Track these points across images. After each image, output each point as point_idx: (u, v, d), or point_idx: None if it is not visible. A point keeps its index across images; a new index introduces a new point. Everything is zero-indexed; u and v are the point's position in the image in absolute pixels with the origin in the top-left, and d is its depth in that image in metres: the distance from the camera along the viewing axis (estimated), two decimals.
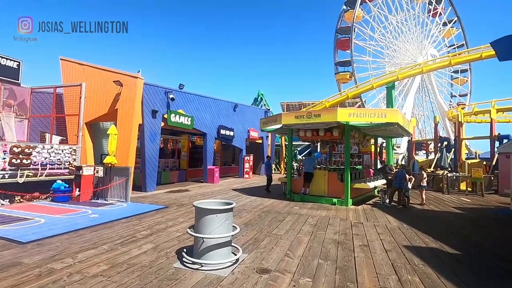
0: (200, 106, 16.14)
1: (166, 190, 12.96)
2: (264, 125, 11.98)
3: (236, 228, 4.71)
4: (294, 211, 8.70)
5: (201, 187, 14.48)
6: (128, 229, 6.18)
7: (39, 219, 6.63)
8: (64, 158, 9.66)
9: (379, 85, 23.86)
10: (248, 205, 9.55)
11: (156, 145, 12.84)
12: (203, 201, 4.78)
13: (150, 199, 10.26)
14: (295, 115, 10.17)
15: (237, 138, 20.27)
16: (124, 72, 11.55)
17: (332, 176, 10.59)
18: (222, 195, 11.62)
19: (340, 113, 9.25)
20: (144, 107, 12.09)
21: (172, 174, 16.70)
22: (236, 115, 20.18)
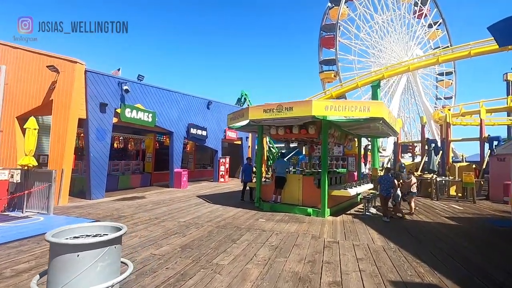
0: (165, 101, 14.30)
1: (117, 197, 11.04)
2: (231, 121, 10.30)
3: (128, 265, 2.98)
4: (258, 225, 7.02)
5: (162, 193, 12.62)
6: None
7: None
8: None
9: (364, 83, 22.66)
10: (204, 217, 7.81)
11: (105, 144, 10.94)
12: (72, 227, 3.01)
13: (85, 209, 8.37)
14: (263, 109, 8.54)
15: (211, 139, 18.51)
16: (61, 56, 9.64)
17: (308, 181, 9.01)
18: (180, 203, 9.83)
19: (316, 106, 7.68)
20: (89, 98, 10.18)
21: (133, 178, 14.74)
22: (210, 113, 18.43)
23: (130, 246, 5.09)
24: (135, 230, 6.20)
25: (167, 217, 7.63)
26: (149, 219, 7.34)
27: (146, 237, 5.64)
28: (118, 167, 14.47)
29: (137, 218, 7.33)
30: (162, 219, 7.31)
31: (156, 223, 6.91)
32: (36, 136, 7.42)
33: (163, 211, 8.38)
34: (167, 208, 8.95)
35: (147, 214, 7.94)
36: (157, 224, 6.75)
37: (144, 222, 6.92)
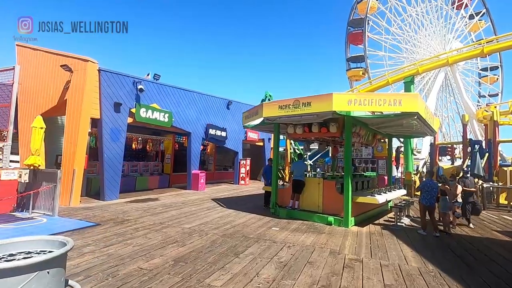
0: (182, 101, 13.97)
1: (130, 198, 10.79)
2: (246, 119, 9.59)
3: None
4: (269, 235, 6.21)
5: (177, 195, 12.21)
6: None
7: None
8: None
9: (396, 80, 20.86)
10: (212, 223, 7.15)
11: (119, 144, 10.74)
12: (14, 241, 2.43)
13: (93, 211, 8.08)
14: (279, 105, 7.71)
15: (231, 140, 17.97)
16: (74, 55, 9.57)
17: (329, 186, 8.02)
18: (191, 207, 9.28)
19: (337, 99, 6.71)
20: (102, 98, 10.03)
21: (151, 179, 14.56)
22: (230, 113, 17.91)
23: (119, 256, 4.53)
24: (133, 236, 5.67)
25: (172, 222, 7.07)
26: (153, 224, 6.82)
27: (141, 246, 5.07)
28: (136, 168, 14.37)
29: (140, 223, 6.85)
30: (166, 225, 6.76)
31: (158, 229, 6.36)
32: (43, 135, 7.25)
33: (170, 215, 7.85)
34: (176, 212, 8.43)
35: (153, 218, 7.45)
36: (159, 231, 6.19)
37: (145, 228, 6.40)
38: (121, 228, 6.25)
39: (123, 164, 13.73)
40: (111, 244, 5.14)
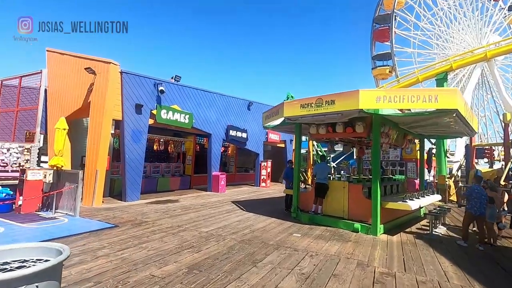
0: (203, 102, 13.91)
1: (151, 199, 10.81)
2: (266, 120, 9.27)
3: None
4: (290, 241, 5.82)
5: (197, 197, 12.11)
6: None
7: None
8: (11, 159, 7.97)
9: (427, 77, 19.55)
10: (231, 227, 6.87)
11: (140, 145, 10.81)
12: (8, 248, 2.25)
13: (113, 212, 8.10)
14: (300, 104, 7.30)
15: (252, 141, 17.72)
16: (97, 57, 9.74)
17: (355, 190, 7.48)
18: (210, 209, 9.08)
19: (364, 97, 6.20)
20: (124, 100, 10.14)
21: (172, 180, 14.63)
22: (251, 114, 17.68)
23: (133, 261, 4.36)
24: (149, 240, 5.52)
25: (190, 225, 6.88)
26: (171, 226, 6.66)
27: (156, 250, 4.88)
28: (158, 169, 14.49)
29: (157, 225, 6.72)
30: (183, 228, 6.57)
31: (175, 232, 6.18)
32: (65, 136, 7.37)
33: (189, 218, 7.68)
34: (194, 214, 8.25)
35: (170, 220, 7.31)
36: (175, 234, 6.00)
37: (162, 231, 6.25)
38: (138, 231, 6.14)
39: (145, 165, 13.94)
40: (126, 247, 5.00)
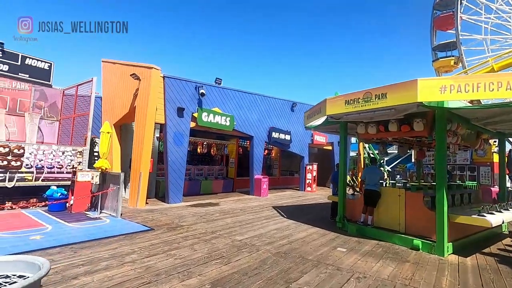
0: (244, 104, 13.68)
1: (193, 202, 10.83)
2: (307, 120, 8.53)
3: None
4: (333, 257, 5.04)
5: (238, 201, 11.82)
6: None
7: None
8: (66, 161, 8.58)
9: (504, 65, 16.55)
10: (267, 236, 6.32)
11: (183, 148, 10.93)
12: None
13: (153, 214, 8.17)
14: (345, 100, 6.45)
15: (296, 143, 16.98)
16: (141, 64, 10.10)
17: (414, 199, 6.33)
18: (249, 215, 8.66)
19: (424, 87, 5.13)
20: (167, 103, 10.36)
21: (215, 183, 14.65)
22: (295, 115, 16.97)
23: (157, 270, 4.09)
24: (179, 246, 5.27)
25: (224, 232, 6.51)
26: (204, 232, 6.38)
27: (183, 259, 4.57)
28: (202, 172, 14.65)
29: (192, 230, 6.49)
30: (217, 235, 6.23)
31: (207, 239, 5.85)
32: (109, 139, 7.65)
33: (225, 224, 7.34)
34: (231, 219, 7.90)
35: (206, 225, 7.05)
36: (208, 241, 5.67)
37: (195, 237, 5.98)
38: (171, 235, 5.96)
39: (189, 167, 14.21)
40: (155, 253, 4.79)
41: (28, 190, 7.95)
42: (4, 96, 9.66)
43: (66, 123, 10.83)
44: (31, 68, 10.18)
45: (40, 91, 10.46)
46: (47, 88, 10.62)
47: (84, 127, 12.77)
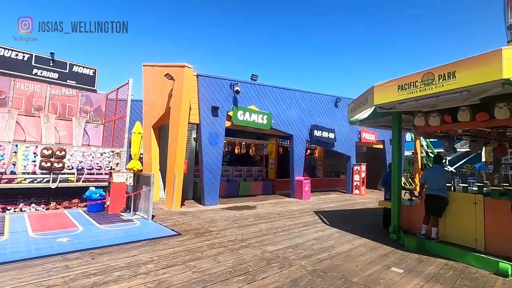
0: (282, 101, 12.87)
1: (229, 205, 10.37)
2: (351, 113, 7.43)
3: None
4: (386, 281, 3.98)
5: (277, 204, 11.03)
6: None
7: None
8: (104, 162, 8.74)
9: None
10: (305, 247, 5.44)
11: (218, 149, 10.54)
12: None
13: (185, 217, 7.84)
14: (398, 85, 5.27)
15: (341, 142, 15.61)
16: (174, 63, 9.96)
17: (497, 208, 4.88)
18: (286, 220, 7.82)
19: (509, 57, 3.81)
20: (201, 103, 10.08)
21: (254, 184, 14.08)
22: (339, 112, 15.63)
23: (169, 286, 3.54)
24: (202, 256, 4.70)
25: (256, 240, 5.81)
26: (233, 240, 5.75)
27: (201, 273, 3.98)
28: (240, 173, 14.20)
29: (220, 237, 5.92)
30: (246, 243, 5.55)
31: (235, 248, 5.21)
32: (140, 140, 7.51)
33: (257, 230, 6.64)
34: (266, 225, 7.16)
35: (237, 232, 6.43)
36: (234, 251, 5.02)
37: (222, 245, 5.38)
38: (196, 243, 5.45)
39: (228, 169, 13.88)
40: (173, 264, 4.29)
41: (70, 190, 8.24)
42: (55, 102, 10.32)
43: (110, 126, 11.22)
44: (77, 74, 10.76)
45: (86, 96, 11.00)
46: (92, 93, 11.13)
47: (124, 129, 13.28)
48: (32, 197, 7.80)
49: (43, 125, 9.87)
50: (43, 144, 8.25)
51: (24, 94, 9.76)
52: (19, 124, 9.55)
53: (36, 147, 7.64)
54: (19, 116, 9.57)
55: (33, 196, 7.82)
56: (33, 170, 7.60)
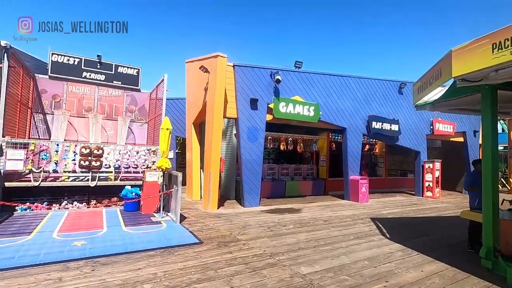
0: (333, 89, 11.29)
1: (271, 207, 9.36)
2: (417, 94, 5.62)
3: None
4: None
5: (326, 207, 9.60)
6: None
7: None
8: (140, 161, 8.56)
9: None
10: (351, 271, 4.11)
11: (258, 145, 9.62)
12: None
13: (217, 221, 7.09)
14: (493, 43, 3.54)
15: (408, 135, 13.24)
16: (208, 55, 9.32)
17: None
18: (334, 229, 6.45)
19: None
20: (238, 95, 9.28)
21: (303, 184, 12.78)
22: (404, 99, 13.27)
23: None
24: (215, 276, 3.80)
25: (288, 256, 4.67)
26: (261, 254, 4.72)
27: None
28: (287, 171, 13.04)
29: (245, 249, 4.94)
30: (275, 260, 4.46)
31: (258, 267, 4.17)
32: (169, 136, 7.00)
33: (295, 242, 5.48)
34: (306, 235, 5.94)
35: (269, 242, 5.38)
36: (257, 272, 3.99)
37: (245, 260, 4.39)
38: (215, 256, 4.58)
39: (273, 167, 12.86)
40: (175, 285, 3.47)
41: (109, 189, 8.26)
42: (103, 103, 10.73)
43: (153, 125, 11.26)
44: (122, 75, 11.00)
45: (131, 96, 11.21)
46: (136, 93, 11.30)
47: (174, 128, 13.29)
48: (76, 194, 8.00)
49: (92, 125, 10.30)
50: (82, 142, 8.44)
51: (76, 96, 10.32)
52: (72, 125, 10.13)
53: (76, 146, 7.79)
54: (72, 118, 10.14)
55: (77, 194, 8.02)
56: (73, 169, 7.76)
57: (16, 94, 8.06)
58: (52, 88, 9.98)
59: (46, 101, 9.87)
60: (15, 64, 7.72)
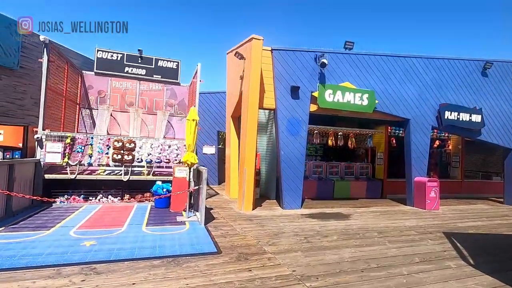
0: (392, 73, 9.46)
1: (315, 210, 8.14)
2: None
3: None
4: None
5: (382, 214, 7.96)
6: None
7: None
8: (172, 155, 8.11)
9: None
10: None
11: (300, 139, 8.46)
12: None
13: (245, 225, 6.20)
14: None
15: (494, 128, 10.65)
16: (244, 41, 8.42)
17: None
18: (392, 245, 5.00)
19: None
20: (276, 83, 8.24)
21: (355, 185, 11.16)
22: (488, 83, 10.67)
23: None
24: None
25: (323, 283, 3.51)
26: (286, 276, 3.66)
27: None
28: (337, 170, 11.53)
29: (270, 266, 3.93)
30: (306, 287, 3.36)
31: None
32: (195, 128, 6.32)
33: (335, 260, 4.26)
34: (352, 252, 4.65)
35: (301, 259, 4.27)
36: None
37: (261, 285, 3.39)
38: (229, 273, 3.67)
39: (320, 164, 11.51)
40: None
41: (142, 184, 8.02)
42: (144, 97, 10.74)
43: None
44: (162, 69, 10.86)
45: (171, 90, 11.03)
46: (176, 87, 11.08)
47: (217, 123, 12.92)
48: (111, 188, 7.95)
49: (133, 120, 10.35)
50: (115, 136, 8.35)
51: (119, 91, 10.48)
52: (115, 119, 10.32)
53: (109, 140, 7.69)
54: (115, 112, 10.32)
55: (112, 188, 7.96)
56: (107, 162, 7.68)
57: (60, 89, 8.32)
58: (98, 84, 10.28)
59: (93, 96, 10.21)
60: (56, 59, 7.93)
